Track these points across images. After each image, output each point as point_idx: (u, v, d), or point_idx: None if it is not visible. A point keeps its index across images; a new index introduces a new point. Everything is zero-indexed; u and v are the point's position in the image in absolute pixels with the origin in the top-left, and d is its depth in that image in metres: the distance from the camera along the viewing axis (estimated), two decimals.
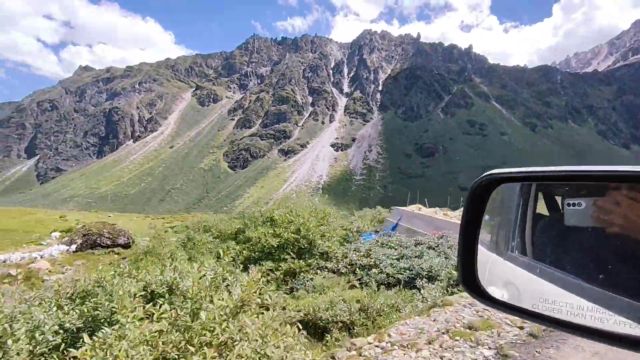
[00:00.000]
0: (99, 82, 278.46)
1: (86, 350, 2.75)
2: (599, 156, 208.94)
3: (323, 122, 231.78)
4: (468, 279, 1.30)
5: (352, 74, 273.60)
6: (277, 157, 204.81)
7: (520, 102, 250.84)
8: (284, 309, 7.84)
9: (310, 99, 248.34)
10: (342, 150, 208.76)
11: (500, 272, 1.39)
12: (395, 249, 12.85)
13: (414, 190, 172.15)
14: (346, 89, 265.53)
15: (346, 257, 12.60)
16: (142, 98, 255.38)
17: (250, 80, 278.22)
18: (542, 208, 1.41)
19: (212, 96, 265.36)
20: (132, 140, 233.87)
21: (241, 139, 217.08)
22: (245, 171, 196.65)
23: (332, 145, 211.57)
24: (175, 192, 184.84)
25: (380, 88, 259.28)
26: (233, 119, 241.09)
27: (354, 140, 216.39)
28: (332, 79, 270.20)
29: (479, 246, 1.31)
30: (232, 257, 12.79)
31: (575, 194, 1.02)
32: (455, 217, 18.82)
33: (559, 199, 1.34)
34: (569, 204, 1.01)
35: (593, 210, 0.95)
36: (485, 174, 1.22)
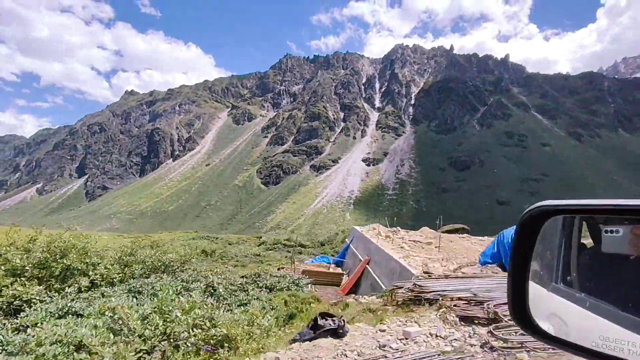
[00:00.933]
0: (143, 105, 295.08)
1: None
2: None
3: (355, 137, 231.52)
4: (519, 312, 1.25)
5: (383, 89, 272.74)
6: (309, 173, 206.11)
7: (562, 112, 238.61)
8: None
9: (341, 115, 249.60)
10: (373, 164, 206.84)
11: (544, 303, 1.31)
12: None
13: (449, 204, 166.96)
14: (378, 104, 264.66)
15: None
16: (181, 119, 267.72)
17: (283, 98, 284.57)
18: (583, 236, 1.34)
19: (246, 115, 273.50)
20: (171, 159, 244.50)
21: (274, 156, 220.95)
22: (278, 187, 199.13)
23: (364, 160, 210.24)
24: (210, 208, 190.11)
25: (412, 102, 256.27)
26: (266, 137, 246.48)
27: (385, 154, 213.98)
28: (363, 94, 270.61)
29: None
30: None
31: (615, 221, 0.99)
32: (403, 238, 16.87)
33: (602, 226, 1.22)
34: (606, 231, 0.97)
35: (630, 237, 0.92)
36: (536, 205, 1.15)
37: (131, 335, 5.77)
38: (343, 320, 6.49)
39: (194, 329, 6.09)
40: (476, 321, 6.08)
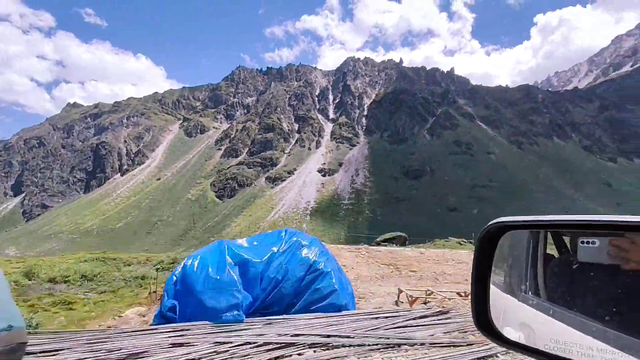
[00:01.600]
0: (87, 118, 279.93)
1: None
2: (587, 171, 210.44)
3: (309, 148, 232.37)
4: (482, 320, 1.32)
5: (337, 100, 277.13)
6: (264, 185, 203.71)
7: (504, 122, 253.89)
8: None
9: (296, 126, 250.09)
10: (329, 175, 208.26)
11: (515, 313, 1.41)
12: None
13: (403, 213, 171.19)
14: (332, 115, 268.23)
15: None
16: (129, 132, 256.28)
17: (237, 110, 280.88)
18: (552, 247, 1.43)
19: (199, 127, 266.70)
20: (119, 173, 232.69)
21: (228, 168, 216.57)
22: (233, 200, 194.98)
23: (319, 171, 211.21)
24: (161, 224, 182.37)
25: (365, 113, 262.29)
26: (220, 149, 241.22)
27: (340, 165, 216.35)
28: (317, 105, 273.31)
29: (495, 288, 1.34)
30: None
31: (590, 234, 1.03)
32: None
33: (566, 238, 1.36)
34: (582, 242, 1.02)
35: (608, 248, 0.96)
36: (493, 221, 1.24)
37: None
38: None
39: None
40: None
